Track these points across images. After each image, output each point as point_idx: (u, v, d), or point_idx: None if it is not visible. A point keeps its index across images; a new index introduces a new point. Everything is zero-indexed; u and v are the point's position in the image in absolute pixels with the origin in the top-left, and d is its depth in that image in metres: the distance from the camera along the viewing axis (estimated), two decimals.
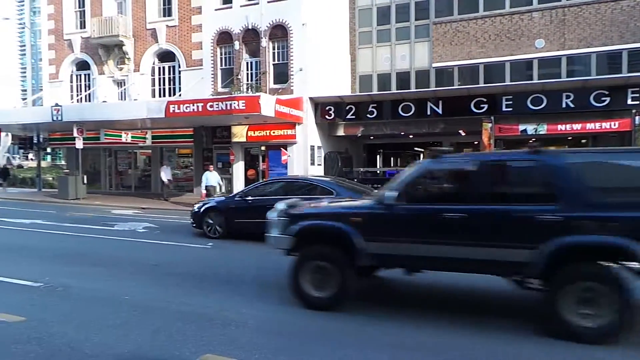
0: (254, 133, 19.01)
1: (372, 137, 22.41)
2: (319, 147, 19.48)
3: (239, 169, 19.97)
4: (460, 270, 5.06)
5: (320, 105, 19.12)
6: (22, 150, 38.17)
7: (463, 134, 19.68)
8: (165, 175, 20.12)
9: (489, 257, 4.51)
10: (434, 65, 21.78)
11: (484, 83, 19.84)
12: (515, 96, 16.48)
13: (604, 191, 4.35)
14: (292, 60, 18.61)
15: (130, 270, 7.20)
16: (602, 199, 4.27)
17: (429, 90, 19.06)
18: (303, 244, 5.26)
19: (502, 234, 4.46)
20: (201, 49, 20.35)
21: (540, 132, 16.55)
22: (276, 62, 19.21)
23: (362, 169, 22.34)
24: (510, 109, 16.54)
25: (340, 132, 20.08)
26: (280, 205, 5.51)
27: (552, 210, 4.29)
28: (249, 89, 19.09)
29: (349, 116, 18.93)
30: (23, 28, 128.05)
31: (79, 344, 4.11)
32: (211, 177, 16.02)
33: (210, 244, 9.49)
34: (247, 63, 19.73)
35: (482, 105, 16.84)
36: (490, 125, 16.33)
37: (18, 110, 22.56)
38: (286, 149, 18.33)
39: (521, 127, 16.76)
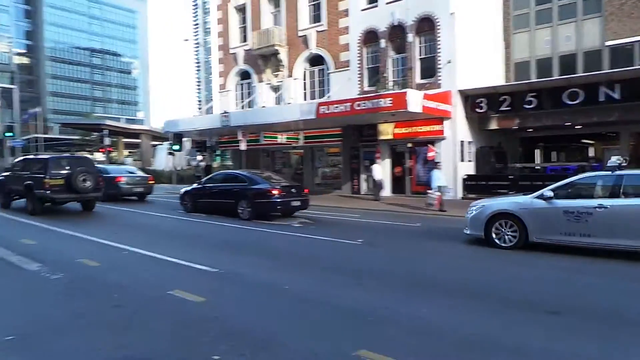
0: (401, 130, 18.89)
1: (529, 130, 20.46)
2: (469, 142, 18.50)
3: (385, 167, 20.07)
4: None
5: (470, 98, 18.13)
6: (198, 153, 44.05)
7: None
8: (377, 174, 18.45)
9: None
10: (608, 43, 18.91)
11: None
12: None
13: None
14: (439, 52, 17.99)
15: (288, 261, 7.77)
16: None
17: (602, 73, 16.61)
18: None
19: None
20: (348, 50, 20.96)
21: None
22: (423, 56, 18.79)
23: (518, 165, 20.55)
24: None
25: (493, 125, 18.75)
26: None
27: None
28: (395, 86, 19.02)
29: (502, 108, 17.59)
30: (198, 47, 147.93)
31: (249, 328, 4.57)
32: (440, 175, 15.11)
33: (361, 240, 9.70)
34: (393, 60, 19.68)
35: None
36: None
37: (195, 119, 26.18)
38: (433, 145, 17.80)
39: None
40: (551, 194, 8.10)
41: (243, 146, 20.89)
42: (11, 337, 4.21)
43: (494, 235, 8.64)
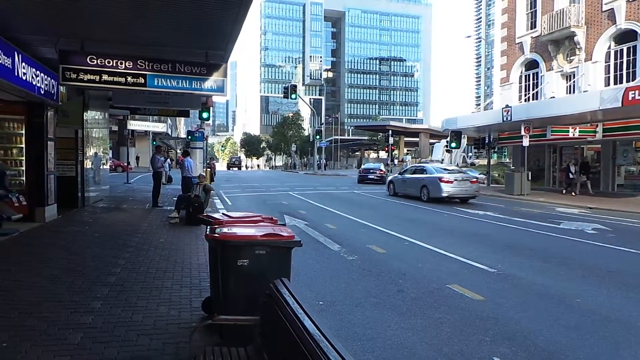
0: None
1: None
2: None
3: None
4: None
5: None
6: (475, 150, 43.25)
7: None
8: None
9: None
10: None
11: None
12: None
13: None
14: None
15: (580, 272, 6.82)
16: None
17: None
18: None
19: None
20: None
21: None
22: None
23: None
24: None
25: None
26: None
27: None
28: None
29: None
30: (479, 42, 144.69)
31: (532, 335, 4.28)
32: None
33: None
34: None
35: None
36: None
37: (474, 115, 25.85)
38: None
39: None
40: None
41: (525, 142, 19.33)
42: (321, 303, 5.18)
43: (389, 190, 19.96)
